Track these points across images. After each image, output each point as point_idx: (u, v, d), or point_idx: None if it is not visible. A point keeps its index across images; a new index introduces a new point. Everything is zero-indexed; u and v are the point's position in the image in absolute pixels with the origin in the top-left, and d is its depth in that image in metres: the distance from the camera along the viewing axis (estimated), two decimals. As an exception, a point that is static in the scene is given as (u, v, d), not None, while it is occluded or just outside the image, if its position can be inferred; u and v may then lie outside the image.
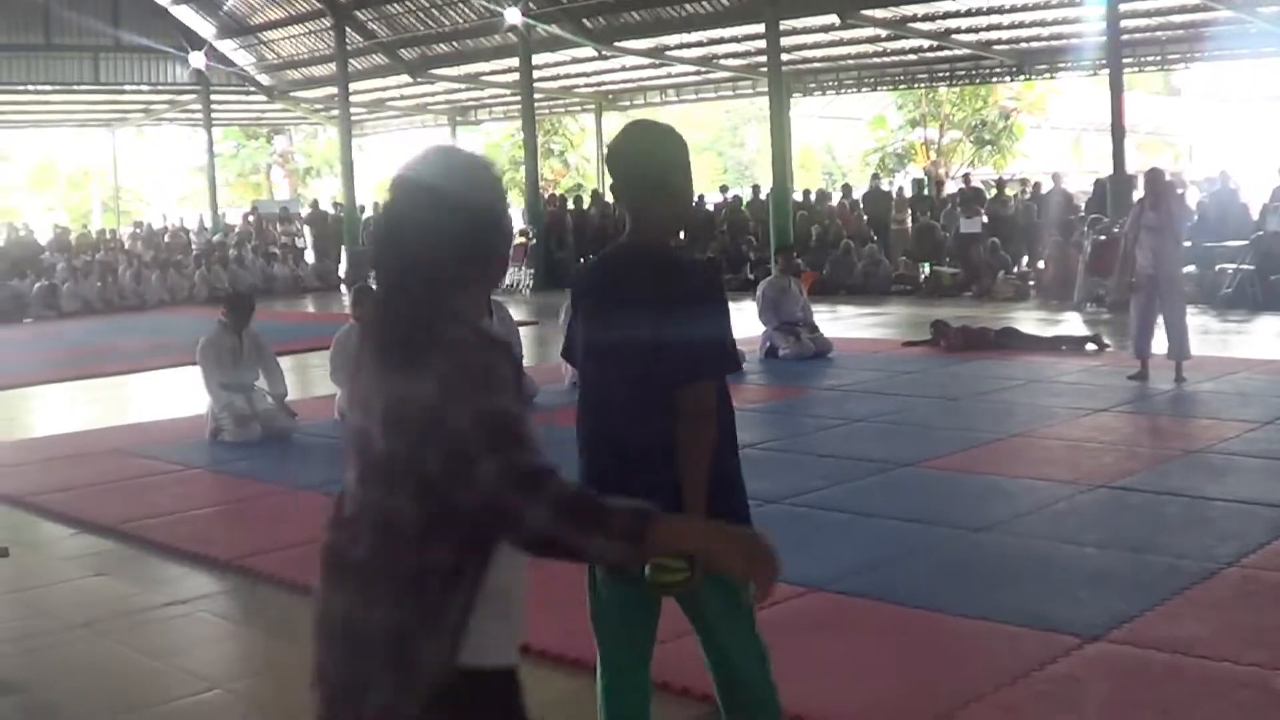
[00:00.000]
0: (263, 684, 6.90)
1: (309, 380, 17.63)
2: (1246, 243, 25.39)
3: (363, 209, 41.88)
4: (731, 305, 4.82)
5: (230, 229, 44.36)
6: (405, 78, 42.27)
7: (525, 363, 15.74)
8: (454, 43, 39.43)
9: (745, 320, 19.99)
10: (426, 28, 39.10)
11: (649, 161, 4.58)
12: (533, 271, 34.83)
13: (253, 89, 47.26)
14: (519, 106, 37.95)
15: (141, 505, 10.59)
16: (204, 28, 44.02)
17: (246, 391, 13.59)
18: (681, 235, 22.52)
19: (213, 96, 46.38)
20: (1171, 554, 8.04)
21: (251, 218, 46.26)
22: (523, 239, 35.79)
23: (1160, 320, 15.22)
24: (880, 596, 7.37)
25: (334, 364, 14.35)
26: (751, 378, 16.81)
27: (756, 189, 38.37)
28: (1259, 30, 30.63)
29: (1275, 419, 12.50)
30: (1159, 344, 15.27)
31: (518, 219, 38.35)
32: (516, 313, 18.68)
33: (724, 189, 39.27)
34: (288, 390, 13.99)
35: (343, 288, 38.22)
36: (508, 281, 34.43)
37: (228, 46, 44.84)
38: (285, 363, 15.59)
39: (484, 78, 42.20)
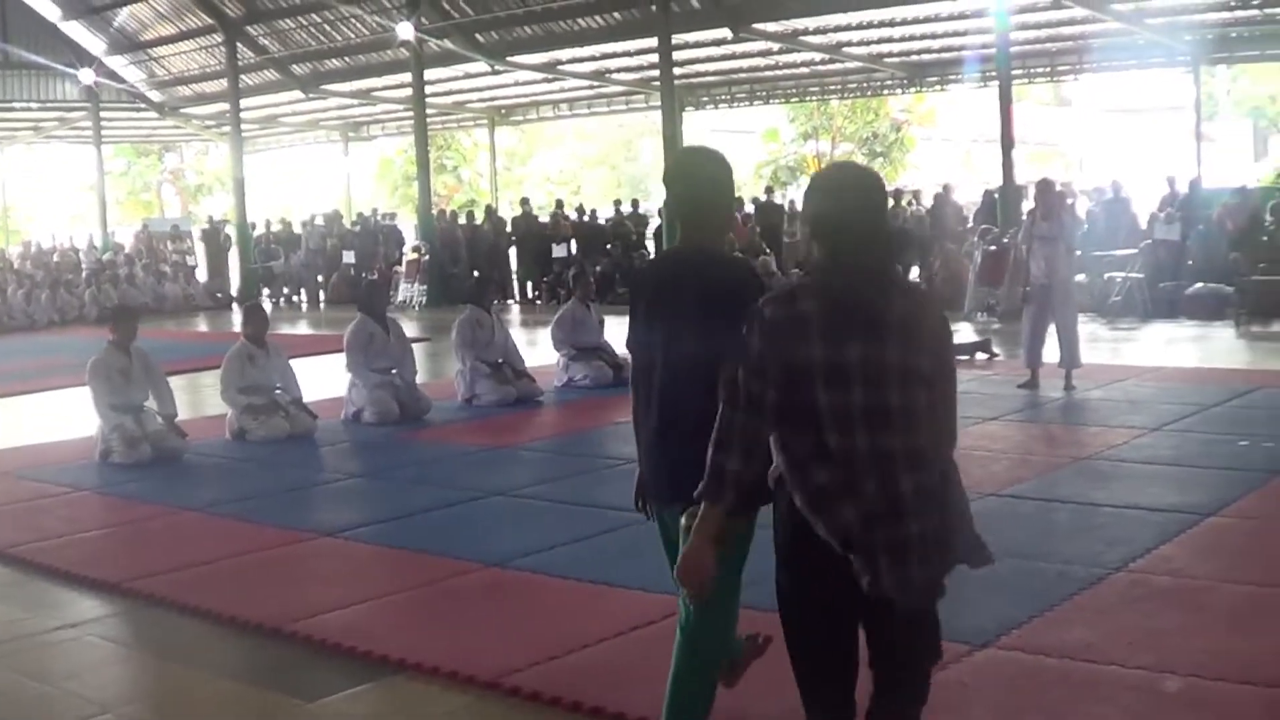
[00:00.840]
0: (153, 707, 6.82)
1: (200, 400, 17.47)
2: (1135, 251, 25.66)
3: (254, 226, 41.53)
4: (625, 318, 5.05)
5: (121, 247, 43.87)
6: (297, 93, 42.05)
7: (418, 379, 15.72)
8: (346, 58, 39.28)
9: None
10: (319, 43, 38.95)
11: (700, 180, 5.46)
12: (425, 288, 34.69)
13: (143, 106, 46.76)
14: (412, 122, 37.80)
15: (30, 529, 10.44)
16: (94, 44, 43.55)
17: (136, 412, 13.43)
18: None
19: (103, 113, 45.80)
20: (1060, 560, 8.11)
21: (142, 236, 45.81)
22: (415, 255, 35.71)
23: (1052, 329, 15.38)
24: (772, 608, 7.35)
25: (225, 383, 14.27)
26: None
27: (636, 203, 38.51)
28: (1146, 41, 31.08)
29: (1162, 425, 12.66)
30: (1050, 352, 15.42)
31: (410, 235, 38.30)
32: (410, 329, 18.61)
33: (617, 203, 39.30)
34: (177, 410, 13.84)
35: (234, 306, 37.97)
36: (400, 298, 34.34)
37: (118, 63, 44.37)
38: (176, 382, 15.48)
39: (376, 93, 42.11)
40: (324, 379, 16.80)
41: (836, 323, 4.19)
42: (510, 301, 35.20)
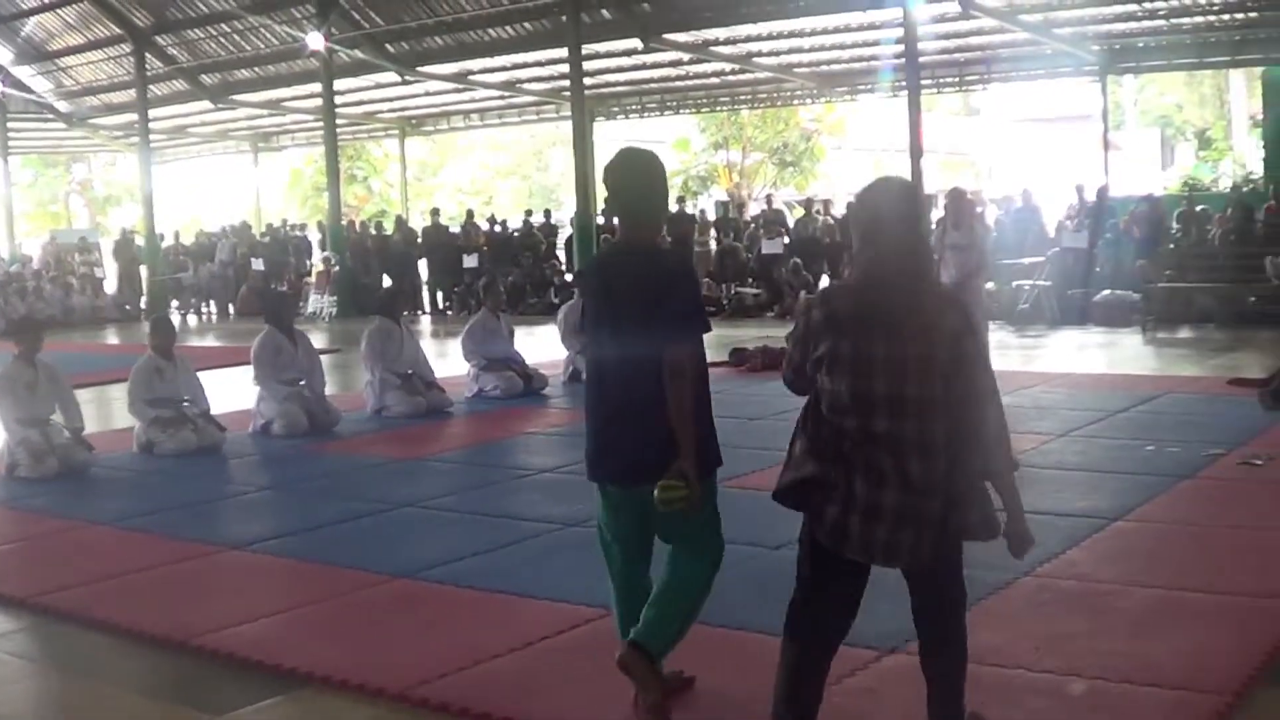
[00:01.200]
0: (58, 722, 6.77)
1: (108, 413, 17.33)
2: (1043, 259, 25.88)
3: (162, 237, 41.24)
4: (536, 329, 5.14)
5: (28, 260, 43.38)
6: (207, 104, 41.75)
7: (328, 390, 15.65)
8: (256, 68, 39.12)
9: (549, 344, 20.02)
10: (228, 53, 38.72)
11: (638, 180, 6.05)
12: (335, 299, 34.55)
13: (51, 116, 46.38)
14: (322, 132, 37.65)
15: (-67, 545, 10.33)
16: (1, 54, 43.10)
17: (42, 426, 13.29)
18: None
19: (10, 124, 45.46)
20: (968, 565, 8.12)
21: (50, 248, 45.36)
22: (324, 266, 35.56)
23: None
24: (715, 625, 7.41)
25: (132, 396, 14.14)
26: (555, 401, 16.84)
27: (548, 213, 38.51)
28: (1054, 51, 31.36)
29: (1070, 431, 12.78)
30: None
31: (318, 246, 38.14)
32: (319, 340, 18.53)
33: (528, 213, 39.30)
34: (84, 424, 13.72)
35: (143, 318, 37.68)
36: (310, 309, 34.18)
37: (25, 73, 43.99)
38: (84, 395, 15.35)
39: (286, 103, 41.94)
40: (232, 391, 16.70)
41: (865, 322, 5.00)
42: (421, 312, 35.12)
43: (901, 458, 4.99)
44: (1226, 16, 29.04)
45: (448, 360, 19.81)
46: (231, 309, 38.13)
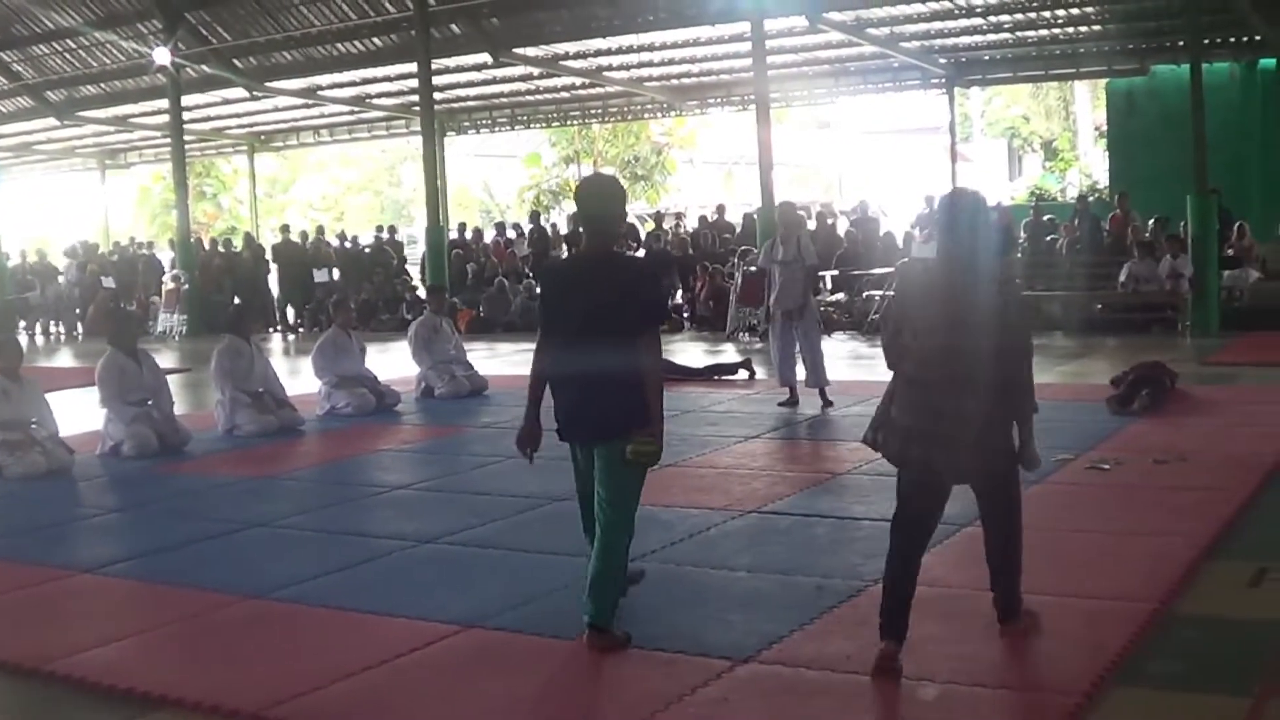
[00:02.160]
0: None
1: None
2: (892, 270, 26.13)
3: (8, 257, 40.61)
4: (389, 345, 5.22)
5: None
6: (52, 120, 40.92)
7: (177, 410, 15.47)
8: (103, 84, 38.49)
9: (400, 361, 19.95)
10: (74, 69, 38.10)
11: (605, 200, 7.47)
12: (185, 317, 34.20)
13: (-107, 134, 45.51)
14: (170, 149, 37.23)
15: None
16: None
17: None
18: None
19: None
20: (819, 574, 8.25)
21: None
22: (174, 284, 35.17)
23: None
24: (536, 631, 7.42)
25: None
26: (408, 418, 16.79)
27: (394, 229, 38.42)
28: (901, 64, 31.77)
29: (919, 439, 12.92)
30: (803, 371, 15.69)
31: (168, 264, 37.71)
32: (168, 360, 18.33)
33: (380, 229, 39.17)
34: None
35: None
36: (159, 328, 33.81)
37: None
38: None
39: (134, 120, 41.41)
40: (81, 413, 16.48)
41: (933, 293, 6.77)
42: (272, 329, 34.86)
43: (953, 399, 6.56)
44: (1070, 29, 29.57)
45: (299, 378, 19.68)
46: (79, 328, 37.58)
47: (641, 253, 32.91)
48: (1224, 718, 5.91)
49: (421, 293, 31.08)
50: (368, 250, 36.81)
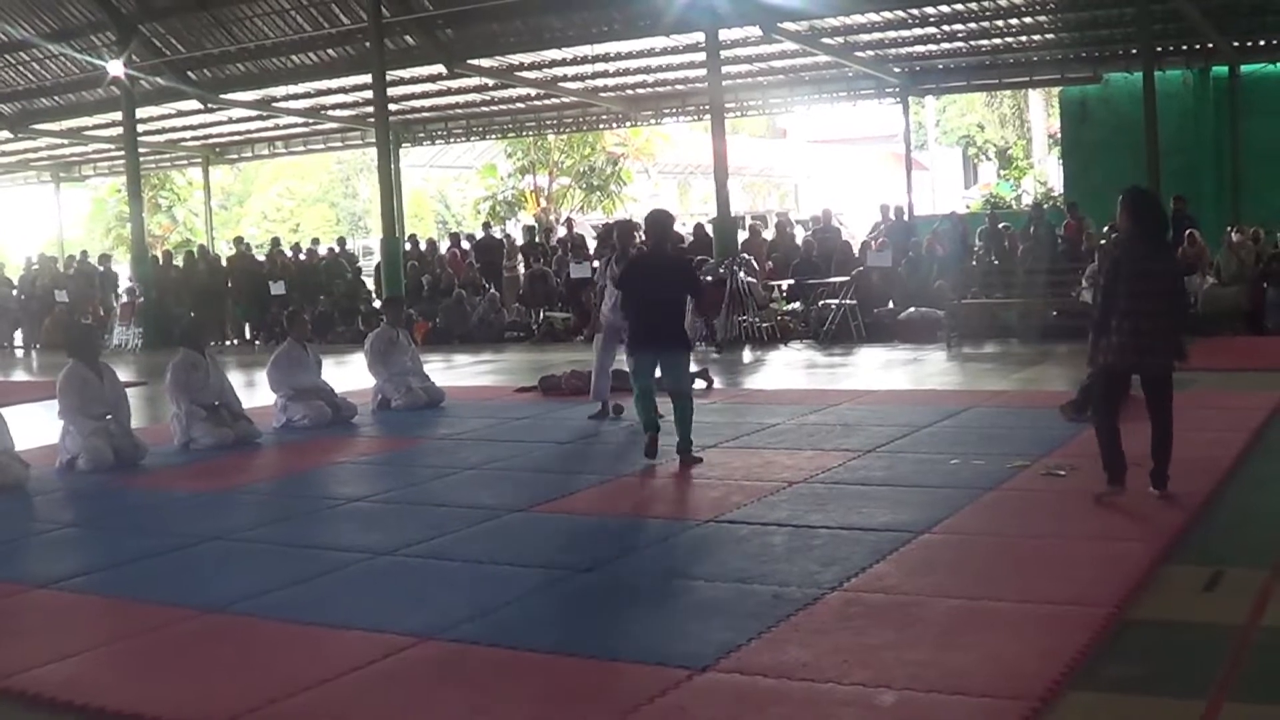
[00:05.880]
0: None
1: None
2: (848, 279, 26.19)
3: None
4: (346, 358, 5.21)
5: None
6: (5, 133, 40.82)
7: (133, 424, 15.40)
8: (56, 97, 38.34)
9: (357, 373, 19.90)
10: (27, 82, 38.00)
11: (666, 224, 13.51)
12: (140, 330, 34.07)
13: None
14: (124, 161, 37.10)
15: None
16: None
17: None
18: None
19: None
20: (776, 582, 8.26)
21: None
22: (129, 298, 35.03)
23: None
24: (494, 642, 7.40)
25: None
26: (365, 430, 16.74)
27: (343, 241, 38.31)
28: (856, 73, 31.88)
29: (876, 447, 12.96)
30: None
31: (125, 278, 37.54)
32: (125, 373, 18.24)
33: (341, 240, 39.08)
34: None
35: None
36: (115, 341, 33.65)
37: None
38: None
39: (88, 132, 41.35)
40: (36, 427, 16.40)
41: (1136, 257, 10.00)
42: (228, 342, 34.75)
43: (1145, 317, 9.90)
44: (1024, 38, 29.75)
45: (256, 390, 19.64)
46: (34, 342, 37.36)
47: (521, 271, 33.40)
48: (1180, 721, 5.93)
49: (377, 304, 31.06)
50: (324, 262, 36.68)
